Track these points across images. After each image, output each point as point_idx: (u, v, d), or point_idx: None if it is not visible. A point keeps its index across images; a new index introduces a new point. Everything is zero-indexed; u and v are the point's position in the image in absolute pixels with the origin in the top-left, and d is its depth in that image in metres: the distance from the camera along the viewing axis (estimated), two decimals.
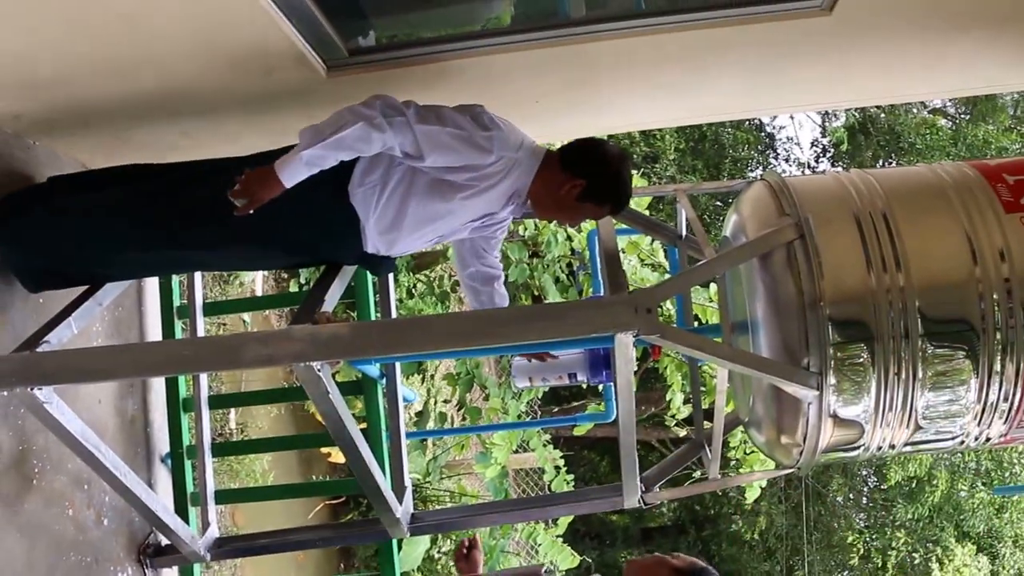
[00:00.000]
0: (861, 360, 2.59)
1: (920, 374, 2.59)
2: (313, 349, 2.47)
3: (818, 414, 2.64)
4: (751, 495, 6.46)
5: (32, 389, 2.63)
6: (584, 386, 6.34)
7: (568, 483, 6.15)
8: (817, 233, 2.60)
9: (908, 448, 2.90)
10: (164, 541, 3.76)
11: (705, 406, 3.68)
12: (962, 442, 2.85)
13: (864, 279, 2.58)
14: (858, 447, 2.83)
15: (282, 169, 2.58)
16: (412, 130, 2.62)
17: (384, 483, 3.26)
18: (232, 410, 6.07)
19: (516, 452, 7.12)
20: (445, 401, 7.28)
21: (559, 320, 2.46)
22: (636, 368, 2.68)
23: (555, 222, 5.66)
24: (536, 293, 6.50)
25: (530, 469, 10.41)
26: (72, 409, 2.82)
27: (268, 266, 3.20)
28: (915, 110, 15.18)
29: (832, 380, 2.58)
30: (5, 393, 2.93)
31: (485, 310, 3.15)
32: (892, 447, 2.84)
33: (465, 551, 3.25)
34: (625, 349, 2.50)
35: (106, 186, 3.06)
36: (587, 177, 2.82)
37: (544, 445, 6.12)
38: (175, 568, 4.00)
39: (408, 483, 3.72)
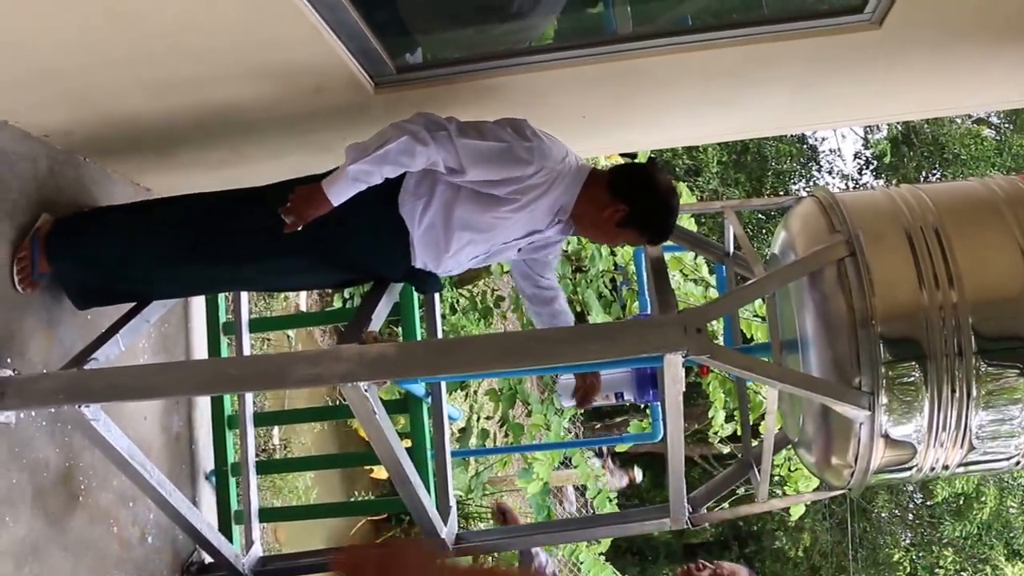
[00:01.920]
0: (913, 379, 2.55)
1: (974, 393, 2.54)
2: (360, 369, 2.46)
3: (870, 434, 2.59)
4: (796, 512, 6.38)
5: (80, 407, 2.65)
6: (627, 404, 6.31)
7: (611, 501, 6.10)
8: (868, 250, 2.56)
9: (961, 469, 2.84)
10: (208, 559, 3.76)
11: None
12: (1018, 462, 2.79)
13: (916, 296, 2.53)
14: (910, 468, 2.77)
15: (329, 186, 2.60)
16: (454, 144, 2.63)
17: (429, 503, 3.24)
18: (275, 427, 6.09)
19: (558, 468, 7.09)
20: (487, 417, 7.27)
21: (610, 340, 2.44)
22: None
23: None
24: (579, 309, 6.47)
25: (573, 486, 10.38)
26: (118, 426, 2.83)
27: (316, 282, 3.20)
28: (959, 121, 14.97)
29: (884, 400, 2.53)
30: (53, 410, 2.95)
31: (533, 330, 3.13)
32: (945, 468, 2.78)
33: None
34: (675, 369, 2.46)
35: (158, 207, 3.12)
36: (631, 204, 2.79)
37: (587, 461, 6.08)
38: None
39: (453, 503, 3.71)
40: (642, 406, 6.14)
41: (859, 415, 2.56)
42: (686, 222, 5.37)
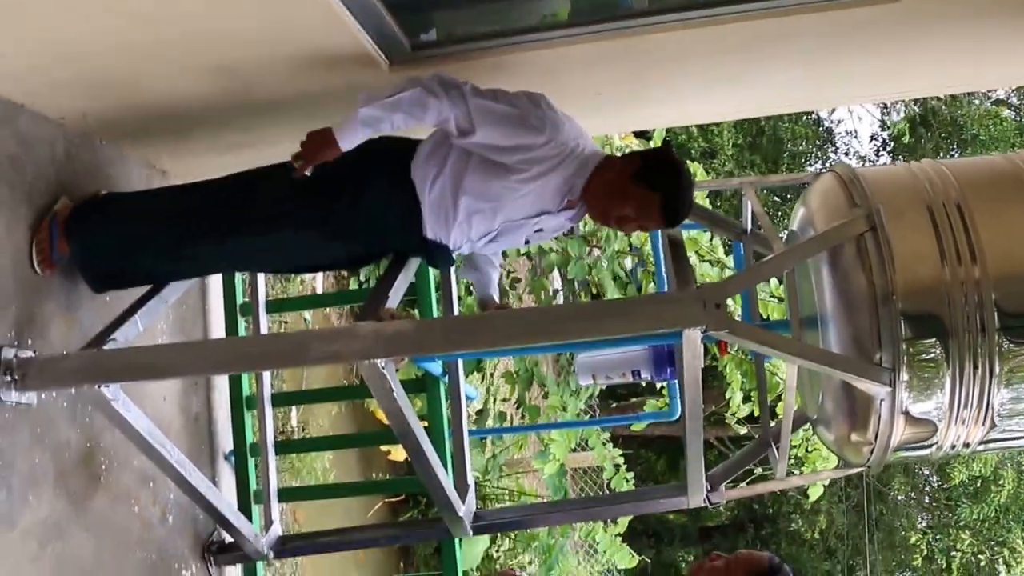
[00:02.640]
0: (935, 356, 2.54)
1: (996, 370, 2.54)
2: (378, 346, 2.47)
3: (890, 411, 2.59)
4: (814, 493, 6.35)
5: (100, 386, 2.66)
6: (644, 383, 6.30)
7: (628, 481, 6.10)
8: (889, 225, 2.55)
9: (982, 447, 2.84)
10: (228, 539, 3.78)
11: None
12: None
13: (938, 272, 2.52)
14: (931, 445, 2.77)
15: (339, 130, 2.63)
16: (466, 102, 2.64)
17: (447, 482, 3.25)
18: (293, 408, 6.11)
19: (574, 451, 7.09)
20: (504, 400, 7.27)
21: (627, 316, 2.44)
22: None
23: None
24: (595, 291, 6.46)
25: (588, 468, 10.38)
26: (138, 407, 2.84)
27: (329, 259, 3.18)
28: (977, 101, 14.86)
29: (905, 376, 2.52)
30: (73, 391, 2.97)
31: (549, 307, 3.12)
32: (967, 445, 2.77)
33: None
34: (693, 345, 2.46)
35: (174, 191, 3.16)
36: (644, 158, 2.78)
37: (604, 444, 6.07)
38: (238, 566, 4.02)
39: (471, 482, 3.71)
40: (658, 387, 6.16)
41: (880, 392, 2.55)
42: (702, 202, 5.36)
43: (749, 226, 3.55)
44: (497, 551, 7.54)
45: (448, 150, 2.78)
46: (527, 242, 3.03)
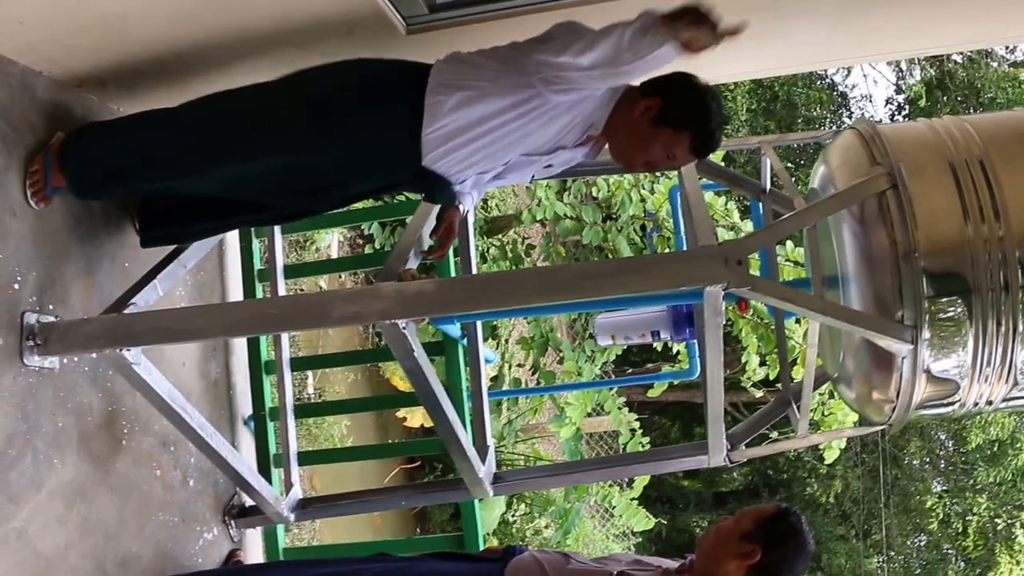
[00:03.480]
0: (957, 314, 2.53)
1: (1020, 328, 2.52)
2: (399, 306, 2.46)
3: (912, 369, 2.58)
4: (829, 456, 6.36)
5: (121, 350, 2.67)
6: (659, 347, 6.28)
7: (643, 446, 6.11)
8: (910, 182, 2.53)
9: (1004, 405, 2.83)
10: (248, 502, 3.82)
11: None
12: None
13: (960, 229, 2.50)
14: (953, 403, 2.76)
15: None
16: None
17: (468, 442, 3.25)
18: (310, 375, 6.13)
19: (590, 415, 7.10)
20: (519, 365, 7.29)
21: (648, 273, 2.42)
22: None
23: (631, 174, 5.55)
24: (610, 256, 6.44)
25: (603, 433, 10.41)
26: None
27: (317, 183, 2.88)
28: (995, 64, 14.71)
29: (927, 334, 2.51)
30: (95, 355, 2.98)
31: (570, 264, 3.09)
32: (989, 403, 2.77)
33: None
34: (715, 302, 2.45)
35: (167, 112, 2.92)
36: (665, 95, 2.60)
37: (619, 408, 6.08)
38: (259, 529, 4.05)
39: (491, 442, 3.72)
40: (673, 351, 6.16)
41: (902, 349, 2.54)
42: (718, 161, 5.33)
43: (768, 185, 3.53)
44: (513, 515, 7.59)
45: (476, 78, 2.57)
46: (533, 177, 2.90)
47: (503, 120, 2.57)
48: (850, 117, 17.32)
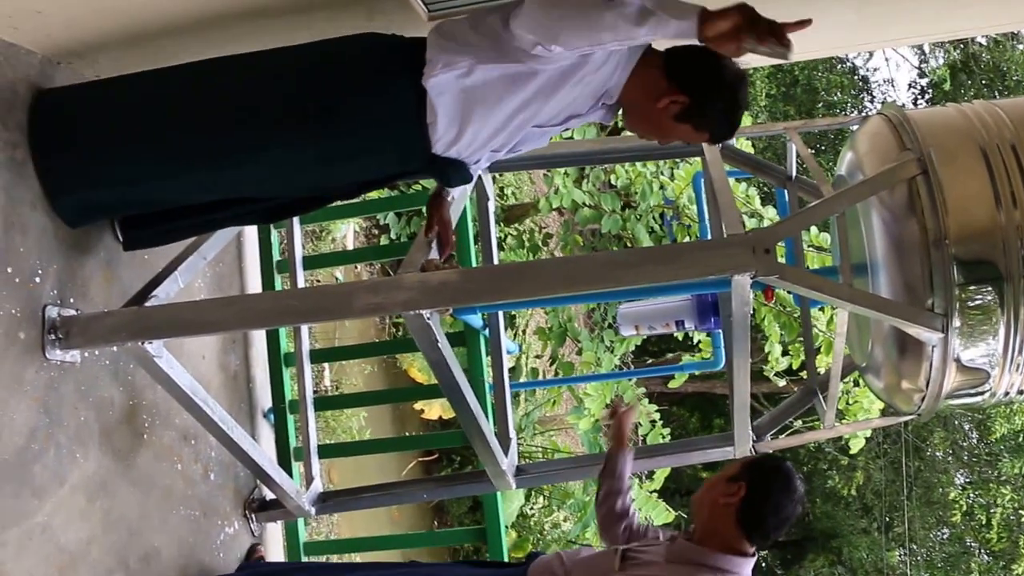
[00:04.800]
0: (988, 301, 2.49)
1: None
2: (423, 297, 2.43)
3: (942, 358, 2.54)
4: (855, 446, 6.31)
5: (143, 343, 2.65)
6: (680, 337, 6.24)
7: (664, 437, 6.08)
8: (941, 168, 2.49)
9: None
10: (269, 495, 3.80)
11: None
12: None
13: (992, 216, 2.47)
14: (983, 392, 2.72)
15: None
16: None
17: (490, 432, 3.23)
18: (327, 367, 6.12)
19: (609, 407, 7.06)
20: (537, 356, 7.26)
21: (675, 263, 2.38)
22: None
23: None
24: (629, 245, 6.41)
25: None
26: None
27: (325, 177, 2.72)
28: (1022, 46, 14.52)
29: (957, 322, 2.47)
30: (116, 348, 2.96)
31: (595, 254, 3.05)
32: (1021, 392, 2.74)
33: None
34: (742, 291, 2.41)
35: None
36: (693, 95, 2.36)
37: (639, 400, 6.05)
38: (279, 522, 4.04)
39: (513, 435, 3.69)
40: (695, 342, 6.12)
41: (932, 338, 2.51)
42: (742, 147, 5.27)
43: (793, 172, 3.48)
44: (531, 508, 7.57)
45: (479, 52, 2.38)
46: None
47: (512, 100, 2.41)
48: (872, 101, 17.19)
